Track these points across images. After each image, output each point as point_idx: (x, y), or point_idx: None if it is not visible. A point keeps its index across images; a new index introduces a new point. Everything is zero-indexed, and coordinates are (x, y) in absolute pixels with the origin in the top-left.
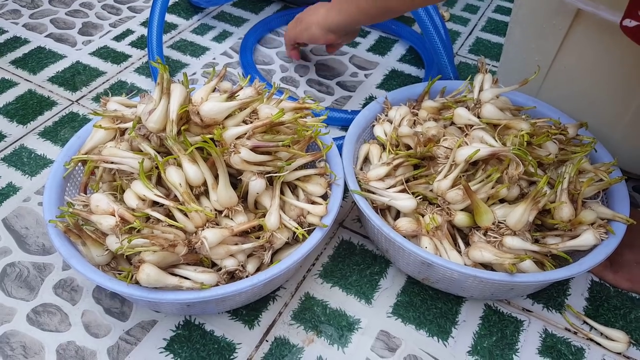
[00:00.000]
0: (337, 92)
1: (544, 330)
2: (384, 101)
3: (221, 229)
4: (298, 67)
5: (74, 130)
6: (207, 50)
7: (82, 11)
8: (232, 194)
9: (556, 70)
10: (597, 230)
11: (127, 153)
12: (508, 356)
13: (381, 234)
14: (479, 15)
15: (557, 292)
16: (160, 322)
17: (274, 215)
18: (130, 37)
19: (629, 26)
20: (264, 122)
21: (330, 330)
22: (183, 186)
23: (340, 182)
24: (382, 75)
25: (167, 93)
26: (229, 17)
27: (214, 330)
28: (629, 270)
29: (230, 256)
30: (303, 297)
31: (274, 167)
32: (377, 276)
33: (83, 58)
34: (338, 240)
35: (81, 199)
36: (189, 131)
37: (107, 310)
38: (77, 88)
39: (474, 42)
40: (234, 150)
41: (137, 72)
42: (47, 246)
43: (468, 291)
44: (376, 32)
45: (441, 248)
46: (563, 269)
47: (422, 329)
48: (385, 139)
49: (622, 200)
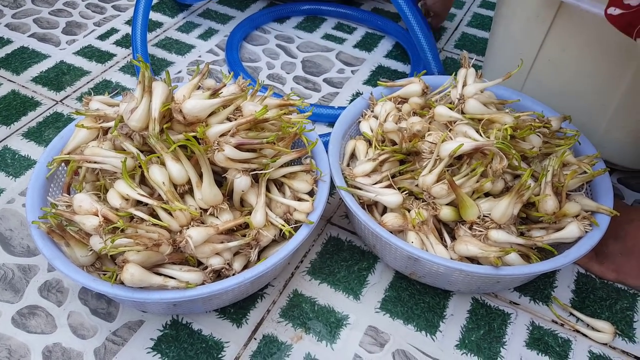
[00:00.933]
0: (324, 89)
1: (531, 322)
2: (369, 97)
3: (206, 228)
4: (285, 64)
5: (58, 131)
6: (193, 48)
7: (65, 10)
8: (216, 192)
9: (540, 63)
10: (582, 222)
11: (109, 152)
12: (496, 349)
13: (368, 230)
14: (464, 10)
15: (543, 284)
16: (147, 322)
17: (260, 213)
18: (114, 36)
19: (614, 14)
20: (248, 119)
21: (318, 327)
22: (167, 185)
23: (327, 178)
24: (368, 71)
25: (148, 91)
26: (214, 14)
27: (202, 329)
28: (614, 261)
29: (216, 254)
30: (291, 294)
31: (259, 164)
32: (365, 272)
33: (67, 57)
34: (326, 237)
35: (64, 199)
36: (172, 129)
37: (94, 311)
38: (61, 88)
39: (459, 37)
40: (217, 148)
41: (122, 71)
42: (32, 248)
43: (455, 285)
44: (362, 29)
45: (427, 242)
46: (548, 262)
47: (410, 324)
48: (371, 134)
49: (605, 192)
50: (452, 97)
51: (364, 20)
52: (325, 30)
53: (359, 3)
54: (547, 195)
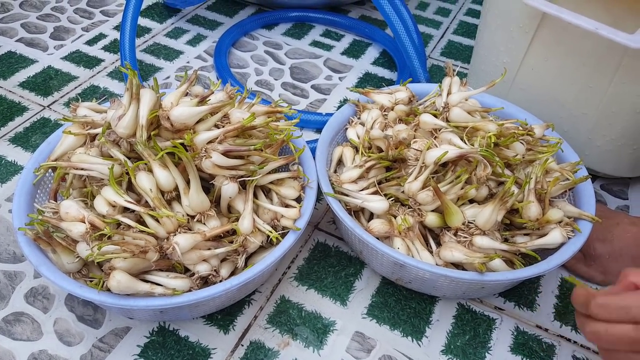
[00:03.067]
0: (311, 95)
1: (516, 328)
2: (356, 104)
3: (193, 234)
4: (273, 71)
5: (45, 136)
6: (181, 54)
7: (53, 15)
8: (204, 199)
9: (524, 72)
10: (564, 228)
11: (96, 159)
12: (481, 354)
13: (354, 236)
14: (450, 18)
15: (528, 290)
16: (134, 328)
17: (247, 219)
18: (103, 42)
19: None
20: (235, 126)
21: (305, 333)
22: (154, 191)
23: (314, 184)
24: (356, 78)
25: (136, 98)
26: (203, 20)
27: (189, 336)
28: (601, 264)
29: (203, 261)
30: (278, 301)
31: (247, 171)
32: (352, 277)
33: (55, 63)
34: (313, 243)
35: (51, 205)
36: (159, 136)
37: (80, 318)
38: (48, 93)
39: (446, 45)
40: (205, 154)
41: (110, 76)
42: (18, 254)
43: (440, 290)
44: (350, 36)
45: (413, 249)
46: (532, 267)
47: (397, 329)
48: (358, 141)
49: (588, 198)
50: (437, 105)
51: (351, 28)
52: (313, 37)
53: (347, 10)
54: (531, 201)
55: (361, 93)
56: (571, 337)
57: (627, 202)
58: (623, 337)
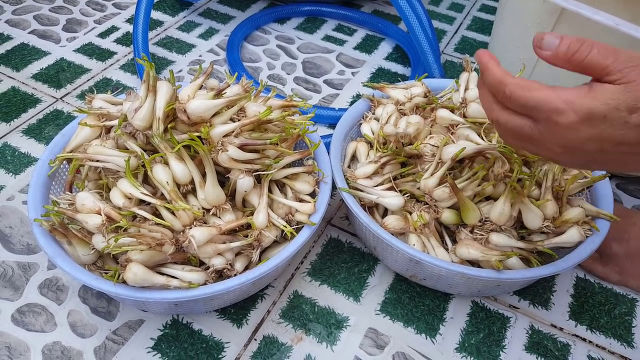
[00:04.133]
0: (324, 90)
1: (530, 326)
2: (370, 99)
3: (209, 228)
4: (285, 65)
5: (58, 128)
6: (193, 48)
7: (66, 7)
8: (219, 192)
9: (541, 69)
10: (582, 227)
11: (113, 151)
12: (495, 352)
13: (369, 232)
14: (464, 14)
15: (542, 288)
16: (147, 321)
17: (262, 214)
18: (115, 34)
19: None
20: (252, 120)
21: (318, 329)
22: (170, 184)
23: (328, 180)
24: (369, 74)
25: (153, 90)
26: (215, 14)
27: (202, 330)
28: (617, 263)
29: (218, 255)
30: (291, 296)
31: (262, 165)
32: (365, 274)
33: (67, 55)
34: (326, 238)
35: (67, 197)
36: (175, 129)
37: (94, 310)
38: (61, 85)
39: (459, 41)
40: (221, 148)
41: (122, 69)
42: (32, 245)
43: (456, 288)
44: (363, 31)
45: (428, 245)
46: (549, 266)
47: (410, 326)
48: (373, 137)
49: (605, 197)
50: (454, 101)
51: (364, 22)
52: (326, 31)
53: (360, 5)
54: (548, 199)
55: (376, 88)
56: (586, 336)
57: None
58: (519, 132)
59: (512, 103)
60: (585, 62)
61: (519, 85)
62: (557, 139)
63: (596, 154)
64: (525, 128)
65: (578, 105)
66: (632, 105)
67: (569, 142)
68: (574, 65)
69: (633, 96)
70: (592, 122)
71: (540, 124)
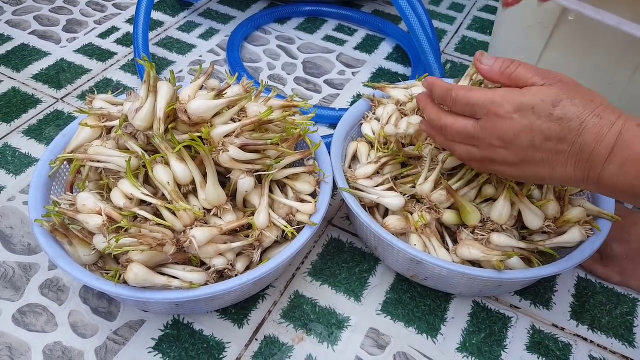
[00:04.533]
0: (324, 90)
1: (532, 326)
2: (371, 99)
3: (210, 228)
4: (285, 65)
5: (58, 129)
6: (194, 48)
7: (66, 8)
8: (220, 193)
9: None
10: (583, 227)
11: (113, 152)
12: (496, 352)
13: (370, 232)
14: (464, 14)
15: (544, 288)
16: (148, 321)
17: (263, 214)
18: (115, 35)
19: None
20: (253, 120)
21: (320, 329)
22: (171, 185)
23: (329, 180)
24: (369, 74)
25: (154, 91)
26: (215, 14)
27: (203, 330)
28: (618, 264)
29: (220, 255)
30: (292, 296)
31: (263, 165)
32: (366, 274)
33: (68, 55)
34: (327, 239)
35: (67, 198)
36: (176, 129)
37: (95, 310)
38: (62, 86)
39: (460, 41)
40: (222, 148)
41: (122, 69)
42: (33, 246)
43: (457, 288)
44: (363, 31)
45: (430, 245)
46: (550, 266)
47: (412, 326)
48: (374, 137)
49: (607, 197)
50: None
51: (364, 23)
52: (326, 31)
53: (360, 5)
54: (550, 200)
55: (377, 88)
56: (588, 336)
57: None
58: (464, 131)
59: (458, 103)
60: (514, 76)
61: (463, 88)
62: (496, 131)
63: (529, 150)
64: (469, 127)
65: (511, 98)
66: (554, 99)
67: (505, 134)
68: (505, 77)
69: (555, 92)
70: (523, 112)
71: (482, 120)
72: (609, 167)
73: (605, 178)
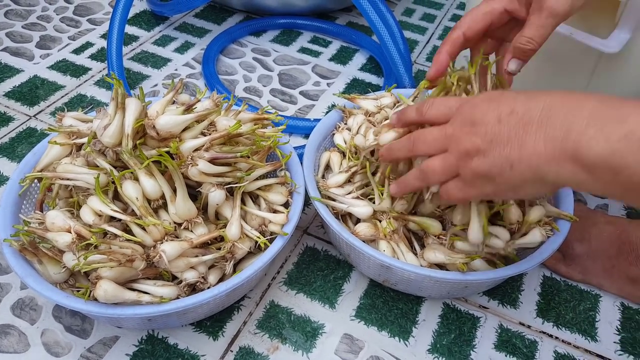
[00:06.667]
0: (300, 101)
1: (500, 325)
2: (342, 110)
3: (180, 242)
4: (261, 77)
5: (31, 146)
6: (169, 62)
7: (39, 24)
8: (190, 206)
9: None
10: (544, 228)
11: (82, 169)
12: (466, 352)
13: (342, 239)
14: (436, 24)
15: (511, 288)
16: (122, 337)
17: (235, 226)
18: (90, 50)
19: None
20: (221, 134)
21: (295, 337)
22: (140, 200)
23: (301, 190)
24: (344, 84)
25: (122, 107)
26: (191, 28)
27: (178, 343)
28: (580, 263)
29: (191, 268)
30: (268, 306)
31: (234, 177)
32: (340, 280)
33: (41, 72)
34: (302, 247)
35: (37, 216)
36: (145, 145)
37: (68, 328)
38: (35, 103)
39: (431, 51)
40: (191, 162)
41: (97, 85)
42: (4, 265)
43: (426, 291)
44: (338, 42)
45: (398, 251)
46: (512, 266)
47: (384, 330)
48: (345, 146)
49: (566, 198)
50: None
51: (338, 34)
52: (301, 43)
53: (334, 17)
54: (511, 204)
55: (347, 99)
56: (553, 332)
57: (606, 200)
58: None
59: (434, 107)
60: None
61: (436, 97)
62: (467, 115)
63: (495, 126)
64: (446, 128)
65: (481, 94)
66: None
67: (473, 115)
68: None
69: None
70: (491, 98)
71: (454, 118)
72: (587, 130)
73: (583, 145)
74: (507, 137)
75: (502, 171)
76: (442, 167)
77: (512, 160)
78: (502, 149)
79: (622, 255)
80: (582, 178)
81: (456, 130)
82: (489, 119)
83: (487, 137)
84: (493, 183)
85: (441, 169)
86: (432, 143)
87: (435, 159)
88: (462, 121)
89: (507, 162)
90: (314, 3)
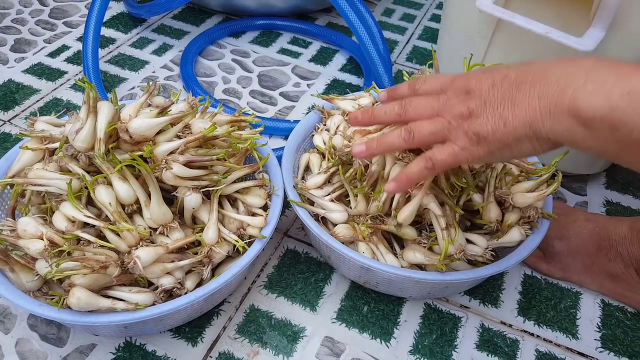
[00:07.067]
0: (280, 103)
1: (481, 325)
2: (321, 111)
3: (155, 247)
4: (240, 79)
5: (5, 152)
6: (147, 64)
7: (14, 27)
8: (165, 211)
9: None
10: (523, 226)
11: (54, 174)
12: (447, 352)
13: (321, 242)
14: (415, 24)
15: (492, 287)
16: (99, 345)
17: (212, 230)
18: (66, 53)
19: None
20: (196, 136)
21: (275, 341)
22: (113, 205)
23: (280, 192)
24: (324, 85)
25: (94, 111)
26: (169, 29)
27: (156, 350)
28: (560, 260)
29: (167, 274)
30: (248, 310)
31: (210, 181)
32: (321, 283)
33: (16, 76)
34: (283, 250)
35: (8, 223)
36: (119, 149)
37: (44, 337)
38: (9, 107)
39: (411, 50)
40: (165, 166)
41: (73, 88)
42: None
43: (407, 291)
44: (317, 43)
45: (377, 252)
46: (492, 265)
47: (366, 332)
48: (324, 147)
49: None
50: None
51: (318, 35)
52: (281, 44)
53: (314, 18)
54: (490, 202)
55: (325, 99)
56: (534, 331)
57: (585, 198)
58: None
59: (427, 83)
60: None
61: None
62: (460, 87)
63: (489, 91)
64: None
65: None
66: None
67: (468, 83)
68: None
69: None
70: (485, 70)
71: (448, 89)
72: (586, 86)
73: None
74: (501, 98)
75: (496, 129)
76: (431, 128)
77: (506, 118)
78: (495, 108)
79: (602, 252)
80: (578, 133)
81: (451, 98)
82: (483, 85)
83: (480, 100)
84: (486, 143)
85: (429, 130)
86: (424, 109)
87: (425, 121)
88: (456, 90)
89: (500, 119)
90: (294, 4)
